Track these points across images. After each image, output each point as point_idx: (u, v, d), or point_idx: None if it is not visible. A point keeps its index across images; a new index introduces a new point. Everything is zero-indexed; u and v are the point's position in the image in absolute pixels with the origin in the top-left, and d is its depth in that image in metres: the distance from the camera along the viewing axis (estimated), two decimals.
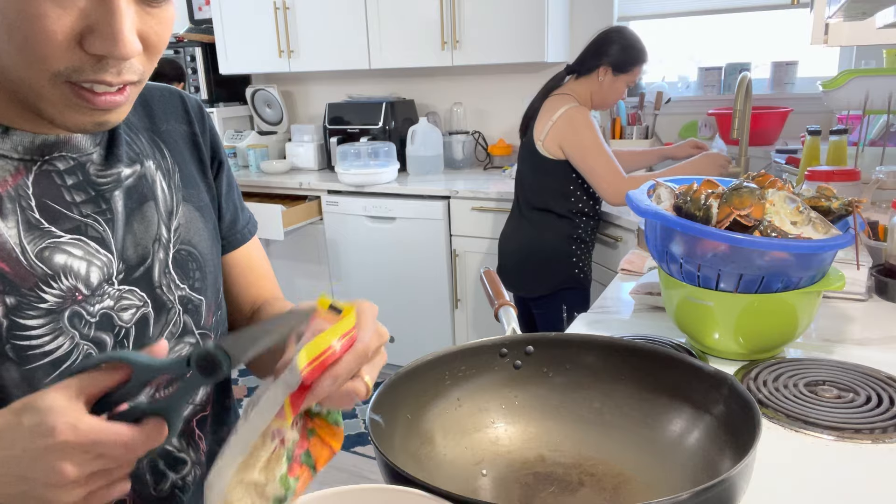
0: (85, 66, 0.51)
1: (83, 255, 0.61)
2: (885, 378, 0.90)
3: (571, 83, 2.15)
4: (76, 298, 0.60)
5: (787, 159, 2.11)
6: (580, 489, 0.69)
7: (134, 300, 0.65)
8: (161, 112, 0.73)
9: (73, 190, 0.61)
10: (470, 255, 2.85)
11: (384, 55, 3.11)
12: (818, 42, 1.43)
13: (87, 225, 0.62)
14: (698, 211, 0.91)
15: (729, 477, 0.52)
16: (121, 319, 0.64)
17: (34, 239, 0.58)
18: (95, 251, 0.62)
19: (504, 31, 2.83)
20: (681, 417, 0.71)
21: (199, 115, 0.77)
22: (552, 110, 2.07)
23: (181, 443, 0.71)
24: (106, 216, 0.63)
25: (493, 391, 0.78)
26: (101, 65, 0.51)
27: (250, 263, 0.83)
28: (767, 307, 0.91)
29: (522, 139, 2.21)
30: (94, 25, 0.50)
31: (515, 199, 2.29)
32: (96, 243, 0.62)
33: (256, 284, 0.84)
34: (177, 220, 0.70)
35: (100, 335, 0.62)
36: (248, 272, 0.83)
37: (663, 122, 2.98)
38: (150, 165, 0.69)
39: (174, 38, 3.53)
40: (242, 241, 0.82)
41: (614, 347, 0.77)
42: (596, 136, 2.02)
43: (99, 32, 0.50)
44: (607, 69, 2.08)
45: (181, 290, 0.70)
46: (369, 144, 3.08)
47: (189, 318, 0.71)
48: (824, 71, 2.75)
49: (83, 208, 0.62)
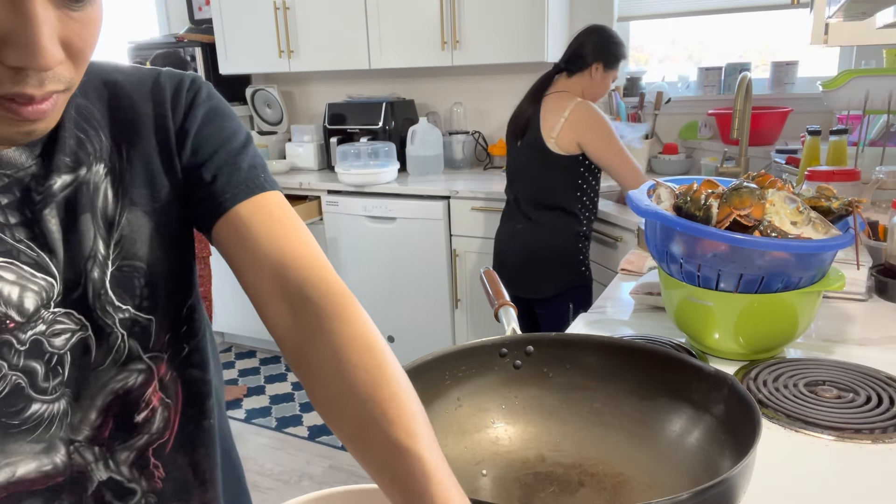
0: (3, 79, 0.46)
1: (16, 279, 0.56)
2: (885, 378, 0.90)
3: (563, 81, 2.17)
4: (7, 326, 0.55)
5: (787, 159, 2.11)
6: (580, 489, 0.69)
7: (69, 324, 0.59)
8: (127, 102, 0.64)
9: (8, 210, 0.56)
10: (470, 255, 2.85)
11: (384, 55, 3.11)
12: (818, 42, 1.43)
13: (18, 250, 0.56)
14: (698, 211, 0.91)
15: (729, 477, 0.52)
16: (51, 346, 0.58)
17: None
18: (31, 275, 0.57)
19: (504, 31, 2.84)
20: (681, 417, 0.71)
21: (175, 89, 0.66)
22: (559, 108, 2.09)
23: (132, 472, 0.66)
24: (39, 241, 0.57)
25: (493, 391, 0.78)
26: (20, 76, 0.46)
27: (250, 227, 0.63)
28: (767, 307, 0.91)
29: (518, 142, 2.20)
30: (8, 36, 0.45)
31: (513, 202, 2.27)
32: (31, 267, 0.57)
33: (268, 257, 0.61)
34: (118, 233, 0.61)
35: (29, 363, 0.57)
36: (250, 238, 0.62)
37: (663, 122, 2.98)
38: (99, 169, 0.61)
39: (174, 38, 3.53)
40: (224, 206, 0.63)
41: (614, 347, 0.77)
42: (612, 128, 2.09)
43: (14, 43, 0.45)
44: (599, 65, 2.13)
45: (122, 313, 0.62)
46: (369, 144, 3.08)
47: (135, 341, 0.63)
48: (824, 71, 2.75)
49: (16, 231, 0.56)
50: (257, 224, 0.63)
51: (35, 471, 0.59)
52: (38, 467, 0.59)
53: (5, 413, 0.56)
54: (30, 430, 0.58)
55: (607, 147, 2.07)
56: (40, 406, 0.58)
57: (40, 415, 0.58)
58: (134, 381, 0.64)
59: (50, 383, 0.58)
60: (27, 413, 0.58)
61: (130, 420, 0.64)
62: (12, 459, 0.57)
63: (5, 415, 0.56)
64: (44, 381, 0.58)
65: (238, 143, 0.67)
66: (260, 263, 0.61)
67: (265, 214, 0.64)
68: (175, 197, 0.65)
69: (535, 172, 2.17)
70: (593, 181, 2.17)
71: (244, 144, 0.67)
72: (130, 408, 0.64)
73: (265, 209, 0.64)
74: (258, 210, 0.64)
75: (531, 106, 2.17)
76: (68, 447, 0.61)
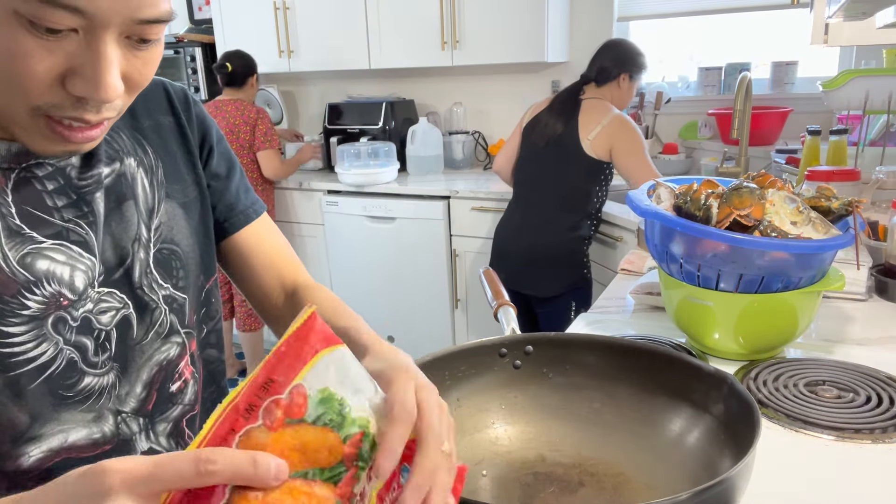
0: (65, 104, 0.51)
1: (66, 259, 0.60)
2: (885, 378, 0.90)
3: (594, 90, 2.26)
4: (61, 304, 0.60)
5: (787, 159, 2.11)
6: (580, 489, 0.69)
7: (113, 302, 0.64)
8: (143, 108, 0.71)
9: (55, 195, 0.61)
10: (470, 255, 2.85)
11: (384, 55, 3.11)
12: (818, 42, 1.43)
13: (68, 230, 0.61)
14: (698, 211, 0.91)
15: (729, 477, 0.52)
16: (99, 322, 0.63)
17: (15, 245, 0.58)
18: (79, 255, 0.61)
19: (504, 31, 2.83)
20: (681, 417, 0.71)
21: (185, 103, 0.75)
22: (600, 113, 2.18)
23: (169, 443, 0.70)
24: (88, 219, 0.62)
25: (493, 391, 0.78)
26: (80, 104, 0.51)
27: (259, 245, 0.81)
28: (767, 307, 0.91)
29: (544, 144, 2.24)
30: (78, 68, 0.49)
31: (525, 197, 2.30)
32: (79, 247, 0.61)
33: (274, 266, 0.82)
34: (158, 219, 0.69)
35: (81, 339, 0.62)
36: (259, 253, 0.81)
37: (663, 122, 2.98)
38: (131, 163, 0.67)
39: (174, 39, 3.53)
40: (245, 221, 0.80)
41: (614, 347, 0.77)
42: (644, 142, 2.21)
43: (82, 76, 0.50)
44: (626, 76, 2.25)
45: (164, 290, 0.68)
46: (369, 144, 3.08)
47: (175, 317, 0.70)
48: (824, 71, 2.75)
49: (65, 213, 0.61)
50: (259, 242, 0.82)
51: (85, 438, 0.63)
52: (88, 435, 0.63)
53: (62, 385, 0.60)
54: (82, 401, 0.62)
55: (636, 160, 2.17)
56: (92, 379, 0.63)
57: (91, 387, 0.63)
58: (174, 353, 0.70)
59: (99, 357, 0.63)
60: (80, 385, 0.62)
61: (168, 391, 0.70)
62: (66, 427, 0.61)
63: (62, 387, 0.60)
64: (94, 355, 0.63)
65: (238, 166, 0.82)
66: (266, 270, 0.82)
67: (265, 233, 0.83)
68: (200, 195, 0.75)
69: (561, 172, 2.22)
70: (606, 189, 2.26)
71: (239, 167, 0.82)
72: (168, 379, 0.69)
73: (263, 229, 0.83)
74: (259, 230, 0.82)
75: (563, 110, 2.23)
76: (116, 417, 0.65)
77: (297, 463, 0.40)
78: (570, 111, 2.22)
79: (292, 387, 0.41)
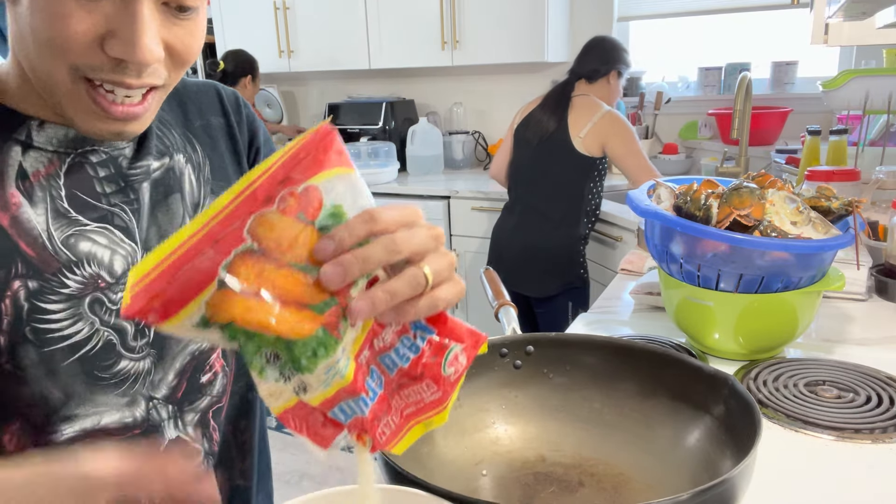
0: (104, 66, 0.53)
1: (108, 243, 0.62)
2: (885, 378, 0.90)
3: (585, 86, 2.26)
4: (98, 285, 0.62)
5: (787, 159, 2.11)
6: (580, 489, 0.69)
7: None
8: (195, 108, 0.74)
9: (105, 181, 0.63)
10: (470, 255, 2.85)
11: (384, 55, 3.11)
12: (818, 42, 1.43)
13: (113, 214, 0.63)
14: (698, 211, 0.91)
15: (729, 477, 0.52)
16: None
17: (61, 226, 0.60)
18: (120, 240, 0.63)
19: (504, 31, 2.84)
20: (681, 418, 0.71)
21: (236, 106, 0.78)
22: (590, 110, 2.19)
23: (196, 433, 0.71)
24: (133, 206, 0.64)
25: (493, 391, 0.78)
26: (120, 66, 0.53)
27: None
28: (767, 307, 0.91)
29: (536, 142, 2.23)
30: (116, 30, 0.52)
31: (520, 197, 2.30)
32: (121, 233, 0.63)
33: None
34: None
35: (121, 322, 0.63)
36: None
37: (663, 122, 2.98)
38: (180, 159, 0.70)
39: None
40: None
41: (614, 347, 0.77)
42: (635, 135, 2.22)
43: (119, 37, 0.52)
44: (615, 73, 2.27)
45: None
46: (369, 144, 3.08)
47: None
48: (824, 71, 2.75)
49: (112, 198, 0.63)
50: None
51: (117, 421, 0.64)
52: (120, 418, 0.64)
53: (98, 367, 0.62)
54: (117, 385, 0.63)
55: (631, 156, 2.18)
56: (128, 363, 0.64)
57: (127, 371, 0.64)
58: (206, 345, 0.71)
59: (138, 342, 0.64)
60: (116, 368, 0.63)
61: (198, 381, 0.70)
62: (99, 409, 0.63)
63: (98, 368, 0.62)
64: (133, 339, 0.64)
65: None
66: None
67: None
68: None
69: (553, 170, 2.22)
70: (601, 187, 2.26)
71: None
72: (199, 369, 0.70)
73: None
74: None
75: (556, 107, 2.23)
76: (147, 403, 0.66)
77: (301, 259, 0.41)
78: (561, 109, 2.23)
79: (308, 184, 0.42)
